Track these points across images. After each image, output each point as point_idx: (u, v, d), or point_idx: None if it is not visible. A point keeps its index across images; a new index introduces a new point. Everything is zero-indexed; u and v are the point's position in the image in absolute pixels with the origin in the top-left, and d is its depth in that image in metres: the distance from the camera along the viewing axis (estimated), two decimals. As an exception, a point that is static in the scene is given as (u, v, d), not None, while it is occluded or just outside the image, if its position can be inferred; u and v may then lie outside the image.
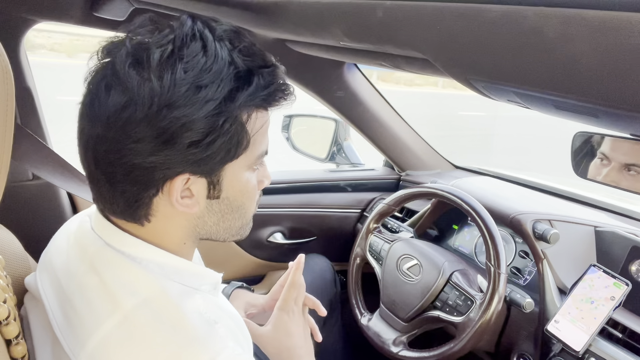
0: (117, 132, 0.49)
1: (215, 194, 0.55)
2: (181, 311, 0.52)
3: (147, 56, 0.48)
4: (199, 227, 0.58)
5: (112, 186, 0.53)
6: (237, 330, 0.61)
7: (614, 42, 0.39)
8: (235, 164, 0.54)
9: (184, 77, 0.48)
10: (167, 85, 0.47)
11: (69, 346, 0.52)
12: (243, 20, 0.98)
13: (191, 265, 0.60)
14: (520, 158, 6.64)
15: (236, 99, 0.50)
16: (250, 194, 0.59)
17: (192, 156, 0.50)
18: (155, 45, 0.49)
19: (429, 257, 1.13)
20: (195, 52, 0.49)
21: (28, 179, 1.18)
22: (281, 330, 0.76)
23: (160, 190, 0.52)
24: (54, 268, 0.60)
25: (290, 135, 1.66)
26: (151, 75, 0.48)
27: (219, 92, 0.49)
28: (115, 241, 0.56)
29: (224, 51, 0.50)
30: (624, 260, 1.00)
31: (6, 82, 0.46)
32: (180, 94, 0.48)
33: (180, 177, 0.51)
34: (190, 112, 0.48)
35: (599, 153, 0.89)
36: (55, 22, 1.12)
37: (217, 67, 0.49)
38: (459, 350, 0.99)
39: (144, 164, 0.50)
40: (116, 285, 0.53)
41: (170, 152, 0.49)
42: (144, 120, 0.48)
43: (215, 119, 0.49)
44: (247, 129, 0.53)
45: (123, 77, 0.48)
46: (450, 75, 0.71)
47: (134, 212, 0.54)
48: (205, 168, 0.52)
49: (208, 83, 0.49)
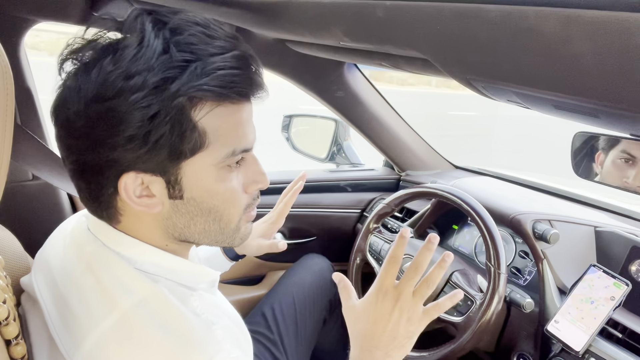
0: (61, 129, 0.50)
1: (177, 193, 0.53)
2: (177, 312, 0.52)
3: (81, 53, 0.49)
4: (170, 229, 0.56)
5: (76, 182, 0.54)
6: (236, 330, 0.61)
7: (614, 42, 0.39)
8: (195, 162, 0.51)
9: (112, 69, 0.47)
10: (94, 80, 0.47)
11: (64, 347, 0.52)
12: (243, 20, 0.98)
13: (187, 264, 0.60)
14: (509, 159, 6.63)
15: (167, 88, 0.47)
16: (223, 196, 0.55)
17: (131, 152, 0.49)
18: (92, 41, 0.49)
19: (429, 257, 1.12)
20: (130, 44, 0.47)
21: (28, 179, 1.18)
22: (366, 313, 0.64)
23: (117, 188, 0.52)
24: (50, 268, 0.60)
25: (290, 135, 1.66)
26: (80, 69, 0.48)
27: (146, 82, 0.46)
28: (112, 241, 0.56)
29: (158, 41, 0.47)
30: (624, 260, 1.00)
31: (6, 82, 0.46)
32: (106, 86, 0.47)
33: (128, 175, 0.50)
34: (118, 103, 0.46)
35: (621, 152, 0.83)
36: (55, 22, 1.12)
37: (147, 57, 0.47)
38: (459, 350, 0.99)
39: (90, 161, 0.50)
40: (113, 286, 0.53)
41: (107, 148, 0.48)
42: (77, 116, 0.48)
43: (146, 110, 0.47)
44: (193, 121, 0.49)
45: (63, 76, 0.50)
46: (450, 75, 0.71)
47: (99, 210, 0.55)
48: (151, 165, 0.50)
49: (136, 73, 0.46)
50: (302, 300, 1.21)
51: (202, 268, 0.62)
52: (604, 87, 0.47)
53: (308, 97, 1.43)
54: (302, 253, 1.43)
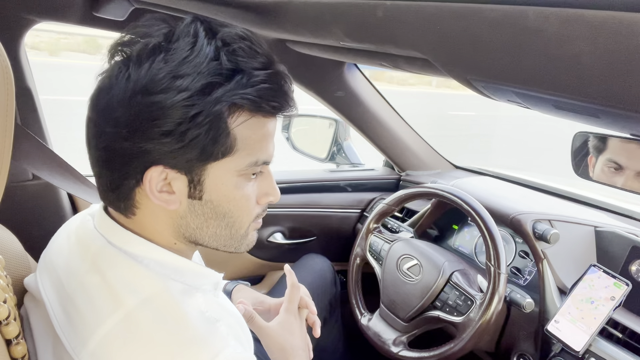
0: (99, 115, 0.52)
1: (197, 194, 0.55)
2: (183, 310, 0.53)
3: (133, 46, 0.51)
4: (182, 228, 0.57)
5: (99, 170, 0.55)
6: (239, 328, 0.62)
7: (614, 42, 0.39)
8: (220, 166, 0.54)
9: (162, 66, 0.49)
10: (144, 73, 0.49)
11: (70, 345, 0.52)
12: (243, 20, 0.98)
13: (192, 264, 0.61)
14: (510, 159, 6.62)
15: (212, 93, 0.50)
16: (239, 202, 0.57)
17: (165, 146, 0.50)
18: (145, 36, 0.51)
19: (429, 257, 1.13)
20: (182, 47, 0.50)
21: (28, 179, 1.18)
22: (286, 329, 0.79)
23: (140, 180, 0.53)
24: (54, 267, 0.60)
25: (290, 135, 1.66)
26: (130, 64, 0.50)
27: (193, 84, 0.49)
28: (118, 239, 0.57)
29: (210, 47, 0.51)
30: (624, 260, 1.00)
31: (6, 82, 0.46)
32: (155, 81, 0.49)
33: (155, 168, 0.52)
34: (163, 99, 0.49)
35: (607, 161, 0.85)
36: (55, 22, 1.12)
37: (198, 60, 0.50)
38: (459, 350, 0.99)
39: (120, 149, 0.51)
40: (118, 284, 0.53)
41: (143, 139, 0.50)
42: (120, 104, 0.50)
43: (187, 110, 0.49)
44: (228, 127, 0.52)
45: (111, 65, 0.52)
46: (450, 75, 0.71)
47: (116, 201, 0.56)
48: (180, 162, 0.52)
49: (184, 74, 0.49)
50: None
51: (206, 269, 0.63)
52: (604, 87, 0.47)
53: (308, 97, 1.43)
54: (302, 253, 1.43)
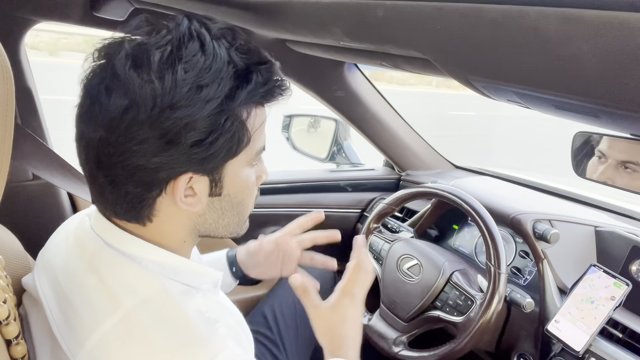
0: (121, 134, 0.49)
1: (217, 191, 0.56)
2: (181, 310, 0.52)
3: (147, 57, 0.48)
4: (199, 225, 0.59)
5: (115, 188, 0.53)
6: (238, 328, 0.62)
7: (614, 42, 0.39)
8: (236, 161, 0.55)
9: (185, 77, 0.48)
10: (169, 86, 0.48)
11: (67, 346, 0.52)
12: (243, 20, 0.98)
13: (191, 263, 0.60)
14: (508, 159, 6.60)
15: (237, 97, 0.51)
16: (250, 190, 0.60)
17: (196, 155, 0.51)
18: (154, 46, 0.49)
19: (429, 257, 1.12)
20: (193, 51, 0.49)
21: (28, 179, 1.18)
22: (339, 315, 0.71)
23: (163, 190, 0.53)
24: (52, 267, 0.60)
25: (290, 135, 1.66)
26: (152, 77, 0.48)
27: (219, 91, 0.49)
28: (115, 240, 0.56)
29: (222, 50, 0.51)
30: (624, 260, 1.00)
31: (6, 82, 0.46)
32: (182, 94, 0.48)
33: (183, 177, 0.52)
34: (193, 112, 0.48)
35: (597, 151, 0.90)
36: (55, 22, 1.12)
37: (217, 66, 0.49)
38: (459, 350, 0.99)
39: (148, 165, 0.50)
40: (116, 285, 0.53)
41: (174, 152, 0.50)
42: (147, 121, 0.48)
43: (217, 118, 0.50)
44: (248, 126, 0.53)
45: (124, 79, 0.48)
46: (450, 75, 0.71)
47: (137, 213, 0.55)
48: (208, 166, 0.53)
49: (209, 82, 0.49)
50: (302, 300, 1.21)
51: (205, 268, 0.63)
52: (604, 87, 0.47)
53: (308, 97, 1.42)
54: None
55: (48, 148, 0.92)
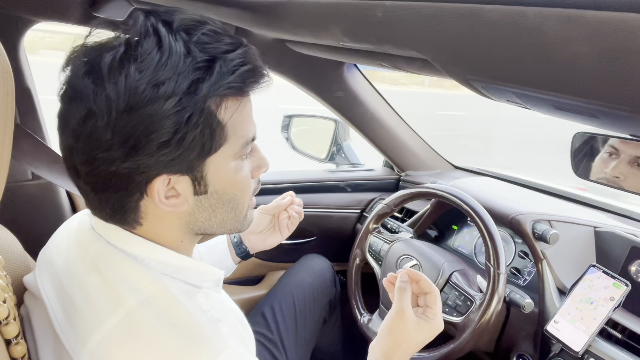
0: (85, 143, 0.48)
1: (202, 189, 0.55)
2: (184, 309, 0.52)
3: (99, 62, 0.47)
4: (191, 224, 0.58)
5: (97, 195, 0.53)
6: (240, 327, 0.62)
7: (614, 42, 0.39)
8: (218, 157, 0.53)
9: (139, 77, 0.46)
10: (122, 89, 0.46)
11: (70, 344, 0.52)
12: (243, 20, 0.98)
13: (193, 262, 0.60)
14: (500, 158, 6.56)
15: (199, 90, 0.48)
16: (241, 185, 0.58)
17: (165, 157, 0.49)
18: (106, 49, 0.48)
19: (428, 257, 1.12)
20: (149, 49, 0.47)
21: (28, 179, 1.18)
22: (415, 333, 0.71)
23: (144, 193, 0.52)
24: (54, 267, 0.60)
25: (290, 135, 1.66)
26: (104, 82, 0.46)
27: (178, 87, 0.47)
28: (117, 240, 0.56)
29: (179, 44, 0.48)
30: (623, 261, 1.00)
31: (6, 82, 0.46)
32: (137, 95, 0.46)
33: (158, 179, 0.51)
34: (152, 112, 0.47)
35: (608, 147, 0.89)
36: (55, 22, 1.12)
37: (173, 61, 0.47)
38: (459, 351, 0.99)
39: (119, 171, 0.49)
40: (118, 284, 0.53)
41: (141, 157, 0.48)
42: (107, 128, 0.47)
43: (180, 115, 0.48)
44: (220, 119, 0.51)
45: (79, 88, 0.48)
46: (450, 75, 0.71)
47: (122, 217, 0.55)
48: (182, 166, 0.51)
49: (165, 79, 0.47)
50: (302, 300, 1.21)
51: (207, 267, 0.63)
52: (604, 88, 0.47)
53: (308, 97, 1.43)
54: (302, 253, 1.43)
55: (48, 147, 0.92)
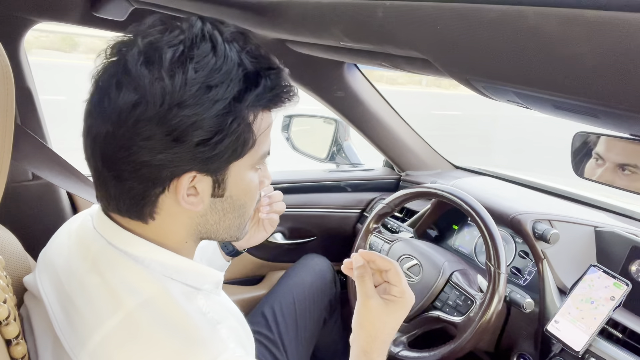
0: (128, 129, 0.49)
1: (220, 192, 0.56)
2: (183, 311, 0.53)
3: (159, 55, 0.49)
4: (200, 226, 0.59)
5: (120, 183, 0.53)
6: (240, 329, 0.62)
7: (614, 42, 0.39)
8: (240, 163, 0.55)
9: (195, 76, 0.49)
10: (179, 85, 0.48)
11: (69, 345, 0.52)
12: (243, 20, 0.98)
13: (193, 264, 0.61)
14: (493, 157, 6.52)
15: (244, 99, 0.51)
16: (252, 194, 0.60)
17: (201, 154, 0.51)
18: (167, 44, 0.50)
19: (428, 257, 1.13)
20: (205, 52, 0.50)
21: (28, 179, 1.18)
22: (387, 315, 0.68)
23: (167, 188, 0.53)
24: (54, 267, 0.60)
25: (290, 135, 1.66)
26: (163, 74, 0.48)
27: (228, 92, 0.50)
28: (118, 240, 0.57)
29: (233, 52, 0.51)
30: (624, 260, 1.00)
31: (6, 82, 0.46)
32: (191, 93, 0.49)
33: (187, 175, 0.52)
34: (201, 111, 0.49)
35: (594, 153, 0.89)
36: (55, 22, 1.12)
37: (227, 67, 0.50)
38: (459, 350, 0.99)
39: (153, 161, 0.51)
40: (118, 285, 0.53)
41: (179, 150, 0.50)
42: (155, 118, 0.49)
43: (224, 119, 0.50)
44: (254, 129, 0.54)
45: (135, 75, 0.49)
46: (450, 75, 0.71)
47: (139, 210, 0.55)
48: (212, 167, 0.53)
49: (218, 83, 0.50)
50: (302, 300, 1.21)
51: (207, 269, 0.63)
52: (604, 87, 0.47)
53: (308, 97, 1.42)
54: (302, 253, 1.43)
55: (48, 148, 0.92)
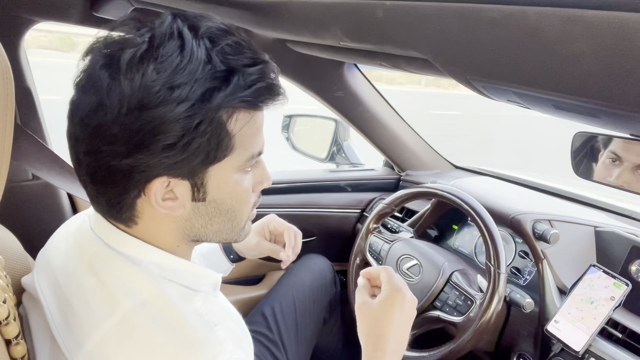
0: (91, 133, 0.48)
1: (201, 196, 0.54)
2: (179, 313, 0.52)
3: (118, 57, 0.47)
4: (187, 230, 0.57)
5: (95, 187, 0.53)
6: (238, 331, 0.61)
7: (614, 42, 0.39)
8: (221, 167, 0.53)
9: (156, 77, 0.46)
10: (137, 87, 0.46)
11: (66, 346, 0.52)
12: (243, 20, 0.98)
13: (190, 265, 0.60)
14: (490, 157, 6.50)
15: (212, 99, 0.48)
16: (240, 197, 0.57)
17: (168, 159, 0.49)
18: (129, 44, 0.48)
19: (428, 257, 1.12)
20: (170, 51, 0.47)
21: (28, 179, 1.18)
22: (385, 310, 0.68)
23: (142, 192, 0.52)
24: (52, 268, 0.59)
25: (290, 135, 1.66)
26: (120, 77, 0.46)
27: (192, 93, 0.47)
28: (115, 242, 0.56)
29: (201, 50, 0.48)
30: (623, 260, 1.00)
31: (6, 82, 0.46)
32: (151, 95, 0.46)
33: (158, 180, 0.50)
34: (163, 113, 0.46)
35: (609, 152, 0.86)
36: (55, 22, 1.12)
37: (192, 66, 0.47)
38: (459, 350, 0.99)
39: (120, 166, 0.49)
40: (115, 286, 0.53)
41: (144, 156, 0.48)
42: (116, 122, 0.47)
43: (190, 121, 0.47)
44: (229, 130, 0.51)
45: (94, 79, 0.48)
46: (450, 75, 0.71)
47: (117, 214, 0.54)
48: (183, 171, 0.51)
49: (181, 84, 0.46)
50: (302, 300, 1.21)
51: (205, 270, 0.63)
52: (604, 87, 0.47)
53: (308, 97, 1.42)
54: (302, 253, 1.43)
55: (47, 148, 0.92)
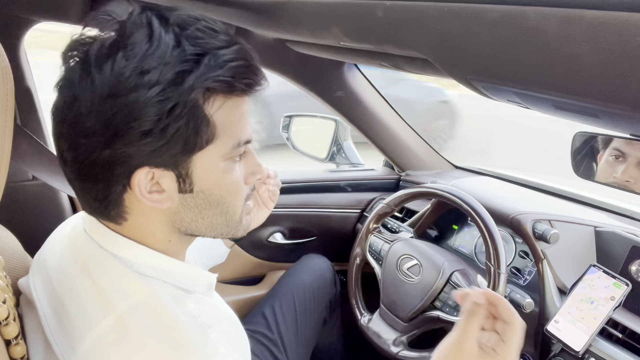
0: (69, 128, 0.49)
1: (187, 187, 0.53)
2: (172, 315, 0.52)
3: (87, 49, 0.48)
4: (177, 223, 0.56)
5: (80, 183, 0.53)
6: (234, 333, 0.60)
7: (614, 42, 0.39)
8: (205, 155, 0.52)
9: (125, 64, 0.46)
10: (108, 75, 0.46)
11: (60, 349, 0.52)
12: (243, 20, 0.98)
13: (184, 266, 0.60)
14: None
15: (184, 82, 0.48)
16: (230, 187, 0.56)
17: (146, 147, 0.48)
18: (97, 37, 0.49)
19: (428, 257, 1.12)
20: (139, 40, 0.47)
21: (28, 179, 1.18)
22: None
23: (127, 185, 0.51)
24: (47, 269, 0.59)
25: (290, 135, 1.66)
26: (91, 68, 0.47)
27: (163, 76, 0.47)
28: (108, 243, 0.56)
29: (169, 35, 0.48)
30: (624, 260, 1.00)
31: (6, 82, 0.46)
32: (122, 82, 0.46)
33: (140, 171, 0.50)
34: (135, 99, 0.46)
35: (612, 150, 0.85)
36: (55, 22, 1.12)
37: (160, 51, 0.47)
38: (459, 350, 0.99)
39: (100, 159, 0.49)
40: (109, 288, 0.53)
41: (122, 145, 0.48)
42: (90, 113, 0.47)
43: (163, 105, 0.47)
44: (206, 114, 0.50)
45: (67, 74, 0.49)
46: (450, 75, 0.71)
47: (105, 211, 0.54)
48: (165, 159, 0.50)
49: (150, 68, 0.46)
50: (302, 300, 1.21)
51: (199, 271, 0.62)
52: (604, 87, 0.47)
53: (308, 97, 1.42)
54: (302, 253, 1.43)
55: (47, 149, 0.92)
